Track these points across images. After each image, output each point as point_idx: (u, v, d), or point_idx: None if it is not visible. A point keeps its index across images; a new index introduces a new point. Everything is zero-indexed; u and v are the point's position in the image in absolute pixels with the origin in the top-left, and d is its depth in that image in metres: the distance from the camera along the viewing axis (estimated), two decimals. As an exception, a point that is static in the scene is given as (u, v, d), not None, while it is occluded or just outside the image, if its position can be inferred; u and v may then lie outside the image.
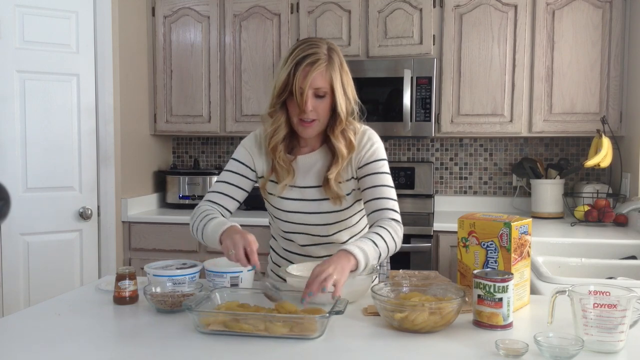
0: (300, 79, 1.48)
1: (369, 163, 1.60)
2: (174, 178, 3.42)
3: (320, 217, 1.64)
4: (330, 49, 1.53)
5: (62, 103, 2.88)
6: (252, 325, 1.20)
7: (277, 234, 1.80)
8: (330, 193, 1.59)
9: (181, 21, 3.35)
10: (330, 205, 1.62)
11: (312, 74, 1.47)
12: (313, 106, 1.51)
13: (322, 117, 1.54)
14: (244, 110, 3.31)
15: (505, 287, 1.24)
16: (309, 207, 1.64)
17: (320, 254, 1.70)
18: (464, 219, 1.47)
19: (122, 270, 1.47)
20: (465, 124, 3.08)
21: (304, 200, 1.64)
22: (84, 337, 1.25)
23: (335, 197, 1.60)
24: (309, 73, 1.47)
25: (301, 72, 1.48)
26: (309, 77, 1.47)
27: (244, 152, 1.69)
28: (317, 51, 1.50)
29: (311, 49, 1.50)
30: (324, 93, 1.51)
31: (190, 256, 2.91)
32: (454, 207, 3.38)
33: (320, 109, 1.52)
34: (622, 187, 2.98)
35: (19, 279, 2.78)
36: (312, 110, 1.51)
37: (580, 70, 2.97)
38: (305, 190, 1.64)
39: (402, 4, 3.10)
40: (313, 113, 1.52)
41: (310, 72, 1.47)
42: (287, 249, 1.76)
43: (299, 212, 1.65)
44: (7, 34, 2.72)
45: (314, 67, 1.48)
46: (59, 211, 2.89)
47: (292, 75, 1.49)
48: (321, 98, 1.52)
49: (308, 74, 1.47)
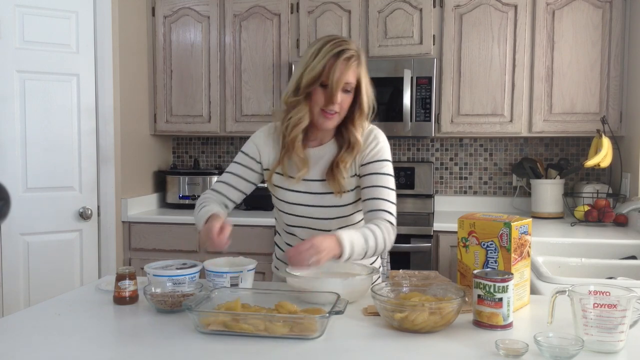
0: (337, 72, 1.52)
1: (372, 162, 1.63)
2: (174, 178, 3.42)
3: (322, 210, 1.66)
4: (359, 49, 1.60)
5: (62, 103, 2.88)
6: (252, 325, 1.20)
7: (281, 229, 1.81)
8: (333, 185, 1.62)
9: (181, 21, 3.35)
10: (332, 199, 1.64)
11: (349, 69, 1.54)
12: (340, 99, 1.56)
13: (343, 111, 1.59)
14: (244, 110, 3.31)
15: (505, 287, 1.24)
16: (312, 200, 1.66)
17: None
18: (464, 219, 1.47)
19: (122, 270, 1.48)
20: (465, 124, 3.09)
21: (308, 193, 1.66)
22: (84, 337, 1.25)
23: (337, 190, 1.62)
24: (346, 67, 1.53)
25: (339, 65, 1.52)
26: (346, 71, 1.53)
27: (250, 144, 1.74)
28: (352, 47, 1.56)
29: (346, 44, 1.55)
30: (351, 88, 1.57)
31: (190, 256, 2.91)
32: (454, 207, 3.38)
33: (344, 103, 1.58)
34: (622, 187, 2.98)
35: (19, 279, 2.78)
36: (339, 104, 1.56)
37: (580, 70, 2.97)
38: (311, 183, 1.66)
39: (402, 4, 3.10)
40: (337, 106, 1.56)
41: (347, 66, 1.53)
42: (290, 244, 1.77)
43: (303, 205, 1.67)
44: (7, 34, 2.72)
45: (350, 62, 1.54)
46: (59, 211, 2.89)
47: (327, 67, 1.52)
48: (347, 93, 1.57)
49: (345, 68, 1.53)
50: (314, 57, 1.54)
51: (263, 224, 2.99)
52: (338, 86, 1.53)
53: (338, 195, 1.63)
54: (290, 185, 1.67)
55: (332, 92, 1.53)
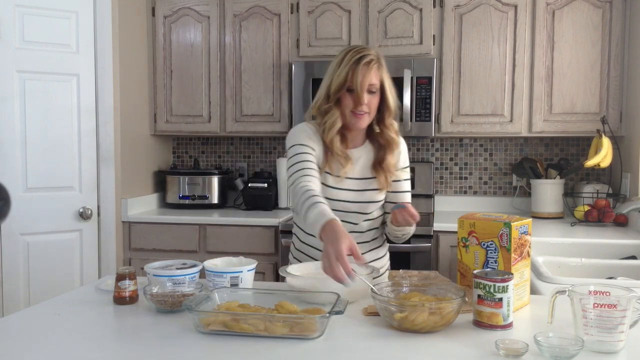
0: (360, 76, 1.68)
1: (402, 169, 1.85)
2: (174, 178, 3.42)
3: (359, 206, 1.79)
4: (379, 54, 1.75)
5: (62, 103, 2.88)
6: (252, 325, 1.20)
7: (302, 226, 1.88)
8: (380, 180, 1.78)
9: (181, 21, 3.35)
10: (371, 195, 1.79)
11: (370, 72, 1.69)
12: (367, 100, 1.70)
13: (372, 110, 1.74)
14: (244, 110, 3.31)
15: (505, 287, 1.24)
16: (352, 197, 1.78)
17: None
18: (464, 219, 1.47)
19: (122, 270, 1.48)
20: (465, 124, 3.09)
21: (349, 190, 1.78)
22: (84, 337, 1.25)
23: (382, 185, 1.78)
24: (368, 71, 1.69)
25: (360, 70, 1.68)
26: (368, 74, 1.69)
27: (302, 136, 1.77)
28: (371, 53, 1.72)
29: (366, 50, 1.72)
30: (376, 89, 1.72)
31: (190, 256, 2.91)
32: (454, 207, 3.38)
33: (372, 104, 1.73)
34: (622, 187, 2.98)
35: (19, 279, 2.78)
36: (367, 105, 1.71)
37: (580, 70, 2.97)
38: (351, 181, 1.79)
39: (402, 4, 3.10)
40: (366, 107, 1.71)
41: (368, 69, 1.69)
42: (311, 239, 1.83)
43: (342, 201, 1.78)
44: (7, 34, 2.72)
45: (371, 65, 1.70)
46: (59, 211, 2.89)
47: (351, 73, 1.69)
48: (373, 94, 1.72)
49: (367, 72, 1.69)
50: (339, 66, 1.72)
51: (263, 224, 2.99)
52: (363, 88, 1.68)
53: (380, 192, 1.79)
54: (334, 183, 1.78)
55: (359, 94, 1.68)
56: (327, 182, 1.77)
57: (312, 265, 1.65)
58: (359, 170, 1.80)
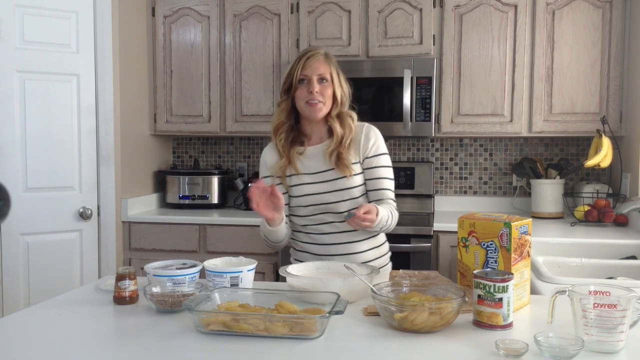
0: (307, 65, 1.79)
1: (375, 156, 1.86)
2: (174, 178, 3.42)
3: (336, 194, 1.83)
4: (326, 51, 1.86)
5: (62, 103, 2.88)
6: (252, 326, 1.20)
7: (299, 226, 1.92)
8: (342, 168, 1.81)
9: (181, 21, 3.35)
10: (343, 182, 1.82)
11: (317, 62, 1.80)
12: (319, 89, 1.79)
13: (327, 100, 1.81)
14: (244, 110, 3.31)
15: (505, 287, 1.24)
16: (326, 187, 1.84)
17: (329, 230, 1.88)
18: (464, 219, 1.47)
19: (122, 270, 1.48)
20: (465, 124, 3.09)
21: (322, 182, 1.84)
22: (84, 337, 1.25)
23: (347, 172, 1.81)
24: (315, 61, 1.79)
25: (307, 60, 1.79)
26: (314, 63, 1.79)
27: (261, 165, 1.97)
28: (315, 49, 1.84)
29: (310, 49, 1.86)
30: (325, 79, 1.80)
31: (190, 256, 2.90)
32: (454, 207, 3.38)
33: (324, 93, 1.80)
34: (622, 187, 2.98)
35: (19, 279, 2.78)
36: (319, 93, 1.78)
37: (580, 70, 2.97)
38: (321, 174, 1.85)
39: (402, 4, 3.10)
40: (319, 95, 1.79)
41: (315, 60, 1.80)
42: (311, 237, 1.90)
43: (318, 194, 1.84)
44: (7, 34, 2.72)
45: (317, 56, 1.81)
46: (59, 211, 2.89)
47: (296, 67, 1.80)
48: (324, 83, 1.80)
49: (314, 62, 1.79)
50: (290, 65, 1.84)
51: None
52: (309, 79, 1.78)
53: (350, 178, 1.82)
54: (296, 181, 1.86)
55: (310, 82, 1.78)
56: (291, 182, 1.87)
57: (312, 265, 1.66)
58: (315, 164, 1.85)
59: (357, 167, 1.85)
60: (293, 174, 1.86)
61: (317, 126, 1.87)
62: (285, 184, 1.88)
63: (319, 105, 1.79)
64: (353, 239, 1.86)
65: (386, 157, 1.88)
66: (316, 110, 1.79)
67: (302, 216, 1.89)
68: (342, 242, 1.85)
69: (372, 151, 1.85)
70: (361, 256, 1.85)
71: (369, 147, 1.85)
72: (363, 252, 1.87)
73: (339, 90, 1.82)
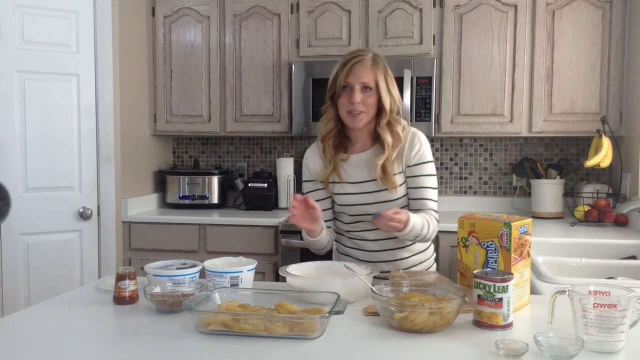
0: (350, 72, 1.72)
1: (418, 164, 1.80)
2: (174, 178, 3.42)
3: (378, 207, 1.77)
4: (375, 54, 1.77)
5: (62, 103, 2.88)
6: (252, 325, 1.20)
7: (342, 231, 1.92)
8: (386, 182, 1.77)
9: (181, 21, 3.35)
10: (386, 195, 1.79)
11: (361, 70, 1.72)
12: (361, 99, 1.72)
13: (369, 109, 1.75)
14: (244, 110, 3.31)
15: (505, 287, 1.24)
16: (368, 199, 1.80)
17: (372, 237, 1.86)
18: (464, 219, 1.47)
19: (122, 270, 1.48)
20: (465, 124, 3.08)
21: (364, 193, 1.80)
22: (84, 337, 1.25)
23: (391, 186, 1.77)
24: (360, 68, 1.72)
25: (349, 69, 1.72)
26: (359, 71, 1.72)
27: (304, 169, 1.92)
28: (363, 54, 1.76)
29: (359, 51, 1.77)
30: (370, 88, 1.73)
31: (190, 256, 2.90)
32: (454, 207, 3.38)
33: (367, 103, 1.74)
34: (622, 187, 2.98)
35: (19, 279, 2.79)
36: (360, 103, 1.72)
37: (580, 70, 2.97)
38: (364, 184, 1.81)
39: (402, 4, 3.10)
40: (361, 105, 1.73)
41: (361, 67, 1.72)
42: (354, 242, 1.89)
43: (360, 205, 1.81)
44: (7, 34, 2.72)
45: (363, 63, 1.73)
46: (59, 211, 2.89)
47: (344, 72, 1.73)
48: (368, 92, 1.73)
49: (358, 69, 1.72)
50: (335, 69, 1.77)
51: (263, 224, 2.99)
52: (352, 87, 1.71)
53: (393, 191, 1.77)
54: (339, 190, 1.83)
55: (352, 91, 1.72)
56: (334, 190, 1.84)
57: (312, 265, 1.66)
58: (358, 173, 1.82)
59: (400, 177, 1.80)
60: (336, 182, 1.84)
61: (361, 133, 1.82)
62: (329, 190, 1.85)
63: (361, 116, 1.74)
64: (396, 246, 1.84)
65: (430, 166, 1.82)
66: (357, 120, 1.75)
67: (346, 223, 1.88)
68: (385, 248, 1.84)
69: (415, 159, 1.79)
70: (406, 262, 1.86)
71: (412, 156, 1.79)
72: (406, 258, 1.86)
73: (386, 98, 1.74)
